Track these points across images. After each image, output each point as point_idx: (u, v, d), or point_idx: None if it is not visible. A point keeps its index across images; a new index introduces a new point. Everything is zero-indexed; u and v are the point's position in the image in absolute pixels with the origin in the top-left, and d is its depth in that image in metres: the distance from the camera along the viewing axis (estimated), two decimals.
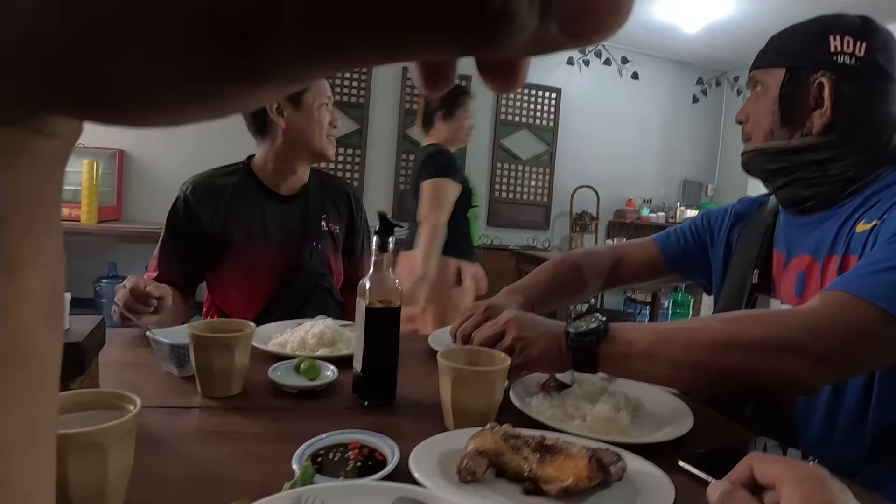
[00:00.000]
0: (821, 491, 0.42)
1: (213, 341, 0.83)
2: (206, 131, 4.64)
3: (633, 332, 0.85)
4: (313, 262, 1.52)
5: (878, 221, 0.87)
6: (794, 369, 0.76)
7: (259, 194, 1.52)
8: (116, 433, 0.50)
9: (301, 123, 1.47)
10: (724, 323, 0.82)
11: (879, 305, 0.74)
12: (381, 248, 0.86)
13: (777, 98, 0.98)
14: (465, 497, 0.57)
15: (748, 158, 1.04)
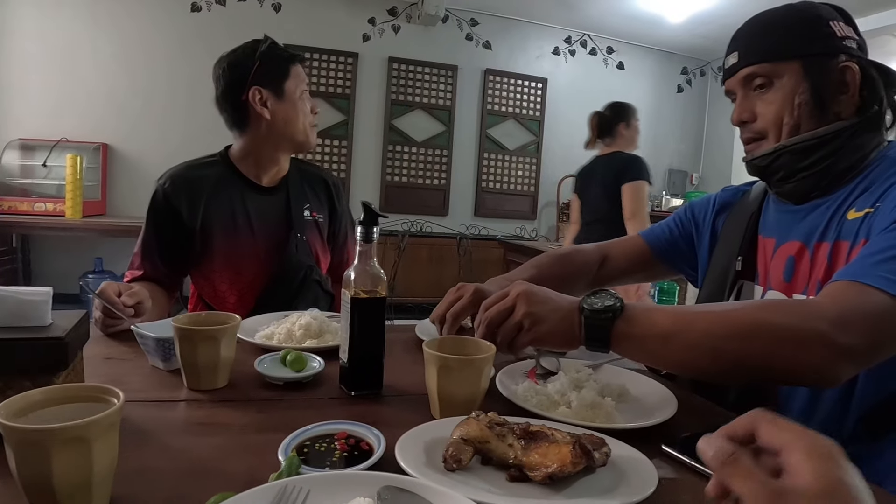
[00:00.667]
0: (835, 467, 0.39)
1: (198, 334, 0.83)
2: (191, 123, 4.59)
3: (652, 312, 0.82)
4: (300, 253, 1.51)
5: (870, 209, 0.87)
6: (819, 361, 0.74)
7: (240, 186, 1.49)
8: (100, 426, 0.50)
9: (285, 113, 1.46)
10: (748, 310, 0.79)
11: (893, 294, 0.74)
12: (365, 238, 0.86)
13: (804, 89, 0.93)
14: (450, 485, 0.57)
15: (769, 161, 0.97)
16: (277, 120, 1.45)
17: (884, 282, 0.75)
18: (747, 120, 1.00)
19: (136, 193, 4.54)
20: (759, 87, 0.97)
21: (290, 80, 1.46)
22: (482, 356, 0.78)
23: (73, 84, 4.46)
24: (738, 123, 1.02)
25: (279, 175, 1.55)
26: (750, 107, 0.99)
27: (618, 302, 0.81)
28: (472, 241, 5.30)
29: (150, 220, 1.45)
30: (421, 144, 5.47)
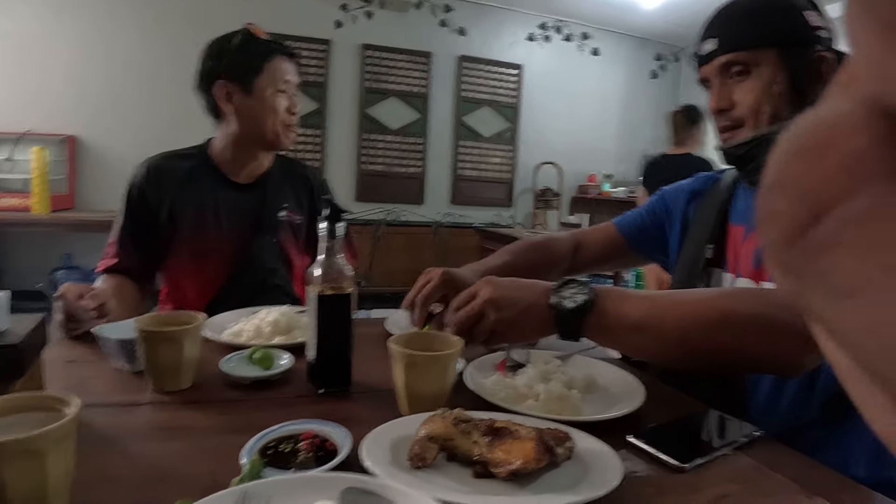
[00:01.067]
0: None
1: (160, 336, 0.81)
2: (161, 113, 4.50)
3: (624, 304, 0.82)
4: (264, 255, 1.47)
5: None
6: (785, 350, 0.75)
7: (213, 181, 1.46)
8: (53, 437, 0.49)
9: (252, 110, 1.40)
10: (717, 300, 0.80)
11: None
12: (330, 234, 0.85)
13: (782, 78, 0.94)
14: (415, 484, 0.57)
15: (746, 149, 0.97)
16: (243, 117, 1.41)
17: None
18: (725, 108, 0.99)
19: (105, 187, 4.43)
20: (736, 74, 0.97)
21: (263, 77, 1.39)
22: (448, 352, 0.78)
23: (35, 75, 4.32)
24: (715, 111, 1.01)
25: (257, 172, 1.50)
26: (727, 95, 0.98)
27: (589, 296, 0.82)
28: (448, 230, 5.31)
29: (124, 209, 1.43)
30: (396, 132, 5.43)
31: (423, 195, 5.60)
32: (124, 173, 1.46)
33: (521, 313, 0.84)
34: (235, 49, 1.38)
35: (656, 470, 0.69)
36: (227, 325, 1.11)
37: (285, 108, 1.42)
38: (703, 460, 0.71)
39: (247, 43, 1.38)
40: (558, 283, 0.83)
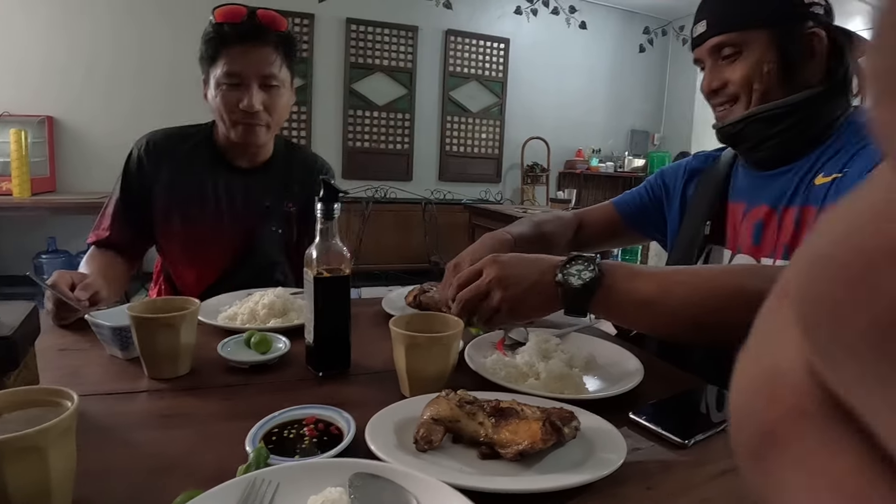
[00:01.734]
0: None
1: (156, 322, 0.80)
2: (142, 90, 4.39)
3: (632, 280, 0.81)
4: (266, 247, 1.41)
5: (838, 174, 0.88)
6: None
7: (214, 163, 1.39)
8: (54, 433, 0.48)
9: (211, 102, 1.32)
10: (726, 276, 0.80)
11: None
12: (326, 215, 0.83)
13: (772, 58, 0.94)
14: (422, 466, 0.57)
15: (739, 128, 0.98)
16: (211, 110, 1.34)
17: None
18: (717, 88, 1.00)
19: (86, 168, 4.34)
20: (727, 56, 0.98)
21: (216, 67, 1.27)
22: (450, 333, 0.77)
23: (9, 53, 4.19)
24: (708, 92, 1.02)
25: (260, 158, 1.42)
26: (719, 75, 0.99)
27: (595, 273, 0.80)
28: (437, 206, 5.28)
29: (121, 182, 1.38)
30: (382, 108, 5.36)
31: (410, 172, 5.57)
32: (107, 154, 1.43)
33: (527, 291, 0.84)
34: (203, 37, 1.29)
35: (658, 446, 0.70)
36: (221, 308, 1.10)
37: (234, 102, 1.27)
38: (704, 436, 0.71)
39: (209, 29, 1.28)
40: (564, 259, 0.83)
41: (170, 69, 4.34)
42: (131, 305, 0.83)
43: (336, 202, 0.84)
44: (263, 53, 1.27)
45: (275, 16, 1.30)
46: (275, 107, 1.32)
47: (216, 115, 1.33)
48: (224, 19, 1.25)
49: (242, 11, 1.26)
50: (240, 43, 1.25)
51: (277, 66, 1.30)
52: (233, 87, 1.27)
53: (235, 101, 1.27)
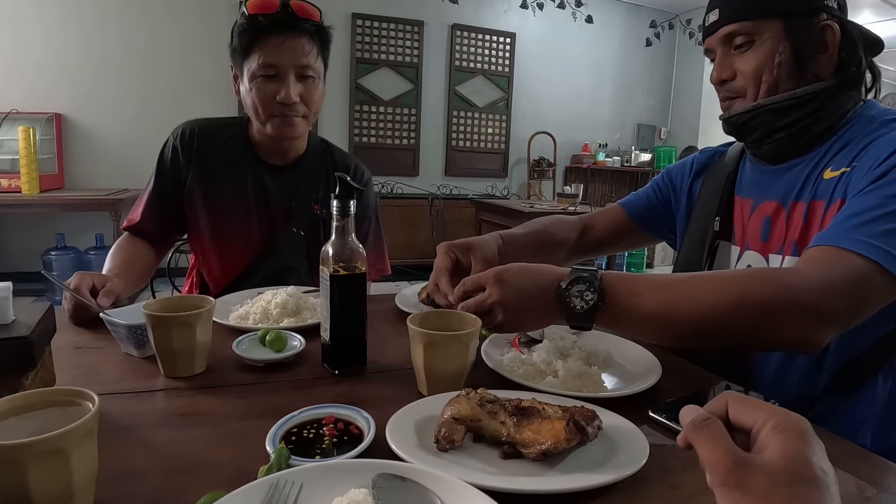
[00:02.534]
0: (803, 445, 0.39)
1: (172, 321, 0.79)
2: (150, 87, 4.39)
3: (635, 297, 0.79)
4: (286, 248, 1.40)
5: (847, 168, 0.87)
6: (801, 330, 0.74)
7: (246, 158, 1.38)
8: (77, 435, 0.47)
9: (243, 97, 1.30)
10: (730, 285, 0.78)
11: (872, 259, 0.74)
12: (342, 213, 0.82)
13: (785, 48, 0.92)
14: (444, 466, 0.56)
15: (746, 118, 0.97)
16: (244, 104, 1.33)
17: (862, 245, 0.75)
18: (727, 78, 0.99)
19: (94, 165, 4.36)
20: (739, 45, 0.96)
21: (251, 59, 1.25)
22: (468, 331, 0.77)
23: (18, 51, 4.20)
24: (717, 82, 1.00)
25: (293, 154, 1.40)
26: (730, 65, 0.98)
27: (597, 293, 0.78)
28: (443, 201, 5.28)
29: (156, 172, 1.38)
30: (388, 103, 5.36)
31: (417, 167, 5.57)
32: (115, 150, 1.44)
33: (530, 311, 0.82)
34: (234, 29, 1.27)
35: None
36: (232, 307, 1.09)
37: (271, 95, 1.25)
38: None
39: (243, 21, 1.25)
40: (566, 280, 0.79)
41: (178, 67, 4.33)
42: (147, 304, 0.82)
43: (352, 199, 0.83)
44: (300, 44, 1.24)
45: (309, 6, 1.28)
46: (312, 98, 1.30)
47: (250, 109, 1.31)
48: (258, 10, 1.22)
49: (276, 2, 1.23)
50: (276, 34, 1.22)
51: (314, 57, 1.28)
52: (269, 78, 1.25)
53: (272, 93, 1.25)
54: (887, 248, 0.74)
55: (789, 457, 0.39)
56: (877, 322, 0.87)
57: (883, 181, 0.80)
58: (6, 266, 4.36)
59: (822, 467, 0.39)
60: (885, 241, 0.75)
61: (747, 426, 0.43)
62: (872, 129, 0.89)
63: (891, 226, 0.76)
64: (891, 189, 0.79)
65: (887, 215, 0.77)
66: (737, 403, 0.44)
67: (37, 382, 0.70)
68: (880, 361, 0.91)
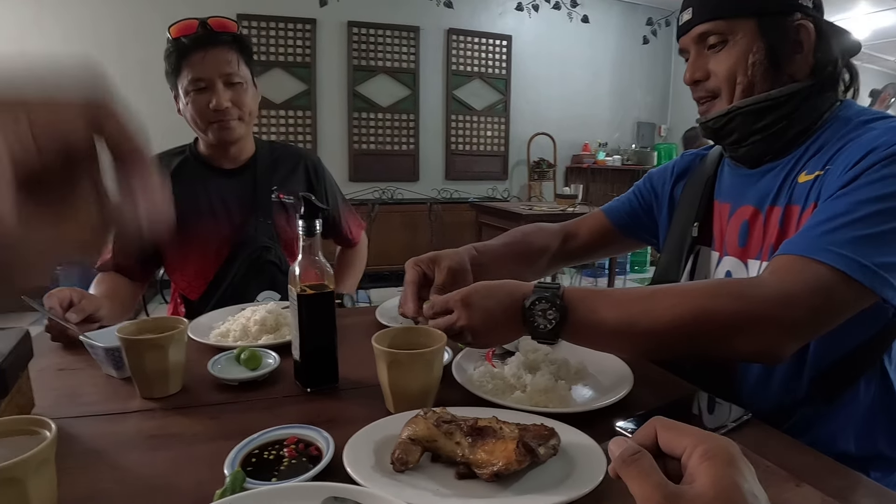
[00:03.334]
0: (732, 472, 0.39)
1: (144, 343, 0.81)
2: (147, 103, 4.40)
3: (596, 313, 0.80)
4: (257, 235, 1.49)
5: (820, 172, 0.86)
6: (764, 342, 0.75)
7: (201, 170, 1.49)
8: (33, 463, 0.49)
9: (185, 111, 1.41)
10: (691, 300, 0.78)
11: (837, 268, 0.74)
12: (307, 232, 0.84)
13: (759, 48, 0.91)
14: (398, 488, 0.58)
15: (722, 122, 0.95)
16: (186, 120, 1.43)
17: (827, 254, 0.75)
18: (700, 79, 0.97)
19: None
20: (712, 45, 0.95)
21: (182, 78, 1.38)
22: (432, 349, 0.78)
23: None
24: (690, 83, 0.99)
25: (242, 157, 1.52)
26: (703, 65, 0.96)
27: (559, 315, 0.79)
28: (443, 205, 5.29)
29: None
30: (387, 110, 5.38)
31: (416, 172, 5.58)
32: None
33: (499, 331, 0.84)
34: (164, 55, 1.39)
35: None
36: (214, 324, 1.11)
37: (204, 105, 1.37)
38: None
39: (169, 45, 1.38)
40: (529, 299, 0.80)
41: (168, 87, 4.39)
42: (120, 327, 0.84)
43: (317, 219, 0.84)
44: (221, 54, 1.37)
45: (225, 21, 1.41)
46: (242, 101, 1.41)
47: (191, 122, 1.42)
48: (180, 33, 1.36)
49: (195, 23, 1.36)
50: (198, 50, 1.35)
51: (236, 65, 1.39)
52: (200, 91, 1.37)
53: (205, 103, 1.37)
54: (853, 256, 0.74)
55: (719, 485, 0.39)
56: (855, 329, 0.87)
57: (852, 186, 0.79)
58: None
59: (753, 492, 0.39)
60: (850, 249, 0.74)
61: (677, 454, 0.43)
62: (847, 130, 0.88)
63: (858, 233, 0.75)
64: (859, 194, 0.78)
65: (855, 222, 0.76)
66: (665, 430, 0.44)
67: (11, 408, 0.72)
68: (861, 368, 0.90)
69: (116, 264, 1.43)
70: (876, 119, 0.88)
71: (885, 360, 0.91)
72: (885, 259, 0.74)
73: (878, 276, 0.74)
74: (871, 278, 0.74)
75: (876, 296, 0.75)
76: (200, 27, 1.36)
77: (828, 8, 0.97)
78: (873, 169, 0.78)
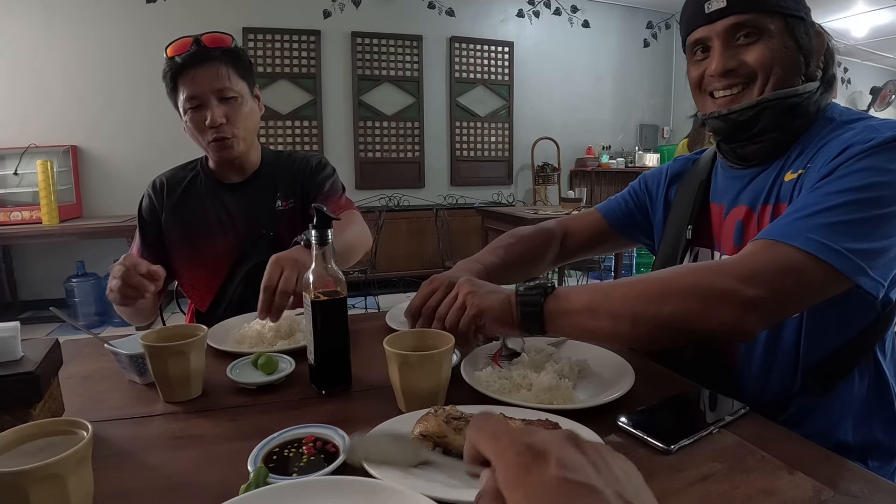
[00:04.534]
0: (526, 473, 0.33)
1: (166, 350, 0.85)
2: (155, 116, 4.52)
3: (577, 289, 0.88)
4: (259, 248, 1.48)
5: (802, 170, 0.90)
6: (730, 317, 0.77)
7: (210, 185, 1.53)
8: (72, 461, 0.53)
9: (187, 129, 1.43)
10: (661, 275, 0.84)
11: (805, 250, 0.77)
12: (320, 241, 0.88)
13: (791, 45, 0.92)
14: (410, 482, 0.61)
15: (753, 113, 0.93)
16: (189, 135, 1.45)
17: (797, 238, 0.78)
18: (733, 67, 0.94)
19: (110, 192, 4.50)
20: (745, 37, 0.93)
21: (179, 96, 1.39)
22: (441, 350, 0.81)
23: (35, 88, 4.37)
24: (720, 72, 0.95)
25: (248, 170, 1.54)
26: (735, 55, 0.94)
27: (548, 284, 0.88)
28: (449, 211, 5.33)
29: (138, 223, 1.53)
30: (391, 118, 5.43)
31: (422, 179, 5.63)
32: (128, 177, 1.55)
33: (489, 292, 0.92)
34: (162, 75, 1.40)
35: (645, 452, 0.72)
36: (230, 332, 1.15)
37: (201, 122, 1.38)
38: (689, 441, 0.73)
39: (165, 65, 1.39)
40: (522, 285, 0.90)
41: None
42: (144, 335, 0.88)
43: (329, 228, 0.88)
44: (213, 70, 1.37)
45: (219, 36, 1.41)
46: (237, 117, 1.41)
47: (195, 140, 1.44)
48: (175, 52, 1.37)
49: (189, 41, 1.37)
50: (191, 67, 1.36)
51: (228, 79, 1.39)
52: (196, 109, 1.38)
53: (202, 120, 1.37)
54: (822, 240, 0.76)
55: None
56: (847, 322, 0.90)
57: (828, 178, 0.82)
58: (31, 294, 4.51)
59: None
60: (820, 234, 0.77)
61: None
62: (830, 130, 0.91)
63: (830, 220, 0.78)
64: (832, 186, 0.81)
65: (827, 210, 0.79)
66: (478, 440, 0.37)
67: (45, 412, 0.76)
68: (856, 358, 0.93)
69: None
70: (857, 120, 0.92)
71: (877, 351, 0.94)
72: (856, 245, 0.77)
73: (850, 260, 0.76)
74: (842, 262, 0.76)
75: (849, 281, 0.78)
76: (194, 44, 1.37)
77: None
78: (848, 163, 0.82)
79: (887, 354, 0.96)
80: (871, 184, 0.79)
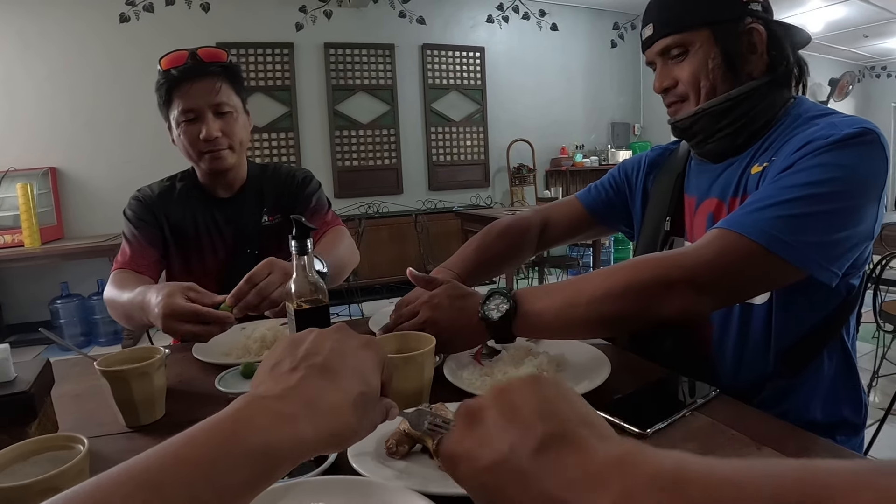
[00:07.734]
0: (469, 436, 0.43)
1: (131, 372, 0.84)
2: (133, 135, 4.50)
3: (540, 301, 0.91)
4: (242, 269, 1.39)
5: (767, 163, 0.94)
6: (681, 302, 0.85)
7: (200, 200, 1.51)
8: (69, 475, 0.55)
9: (178, 142, 1.43)
10: (621, 273, 0.89)
11: (755, 240, 0.81)
12: (300, 251, 0.90)
13: (716, 54, 0.99)
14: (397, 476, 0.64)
15: (690, 123, 1.04)
16: (179, 148, 1.45)
17: (750, 230, 0.83)
18: (669, 86, 1.05)
19: (90, 212, 4.47)
20: (675, 56, 1.02)
21: (173, 109, 1.40)
22: (422, 351, 0.84)
23: (11, 112, 4.34)
24: (660, 91, 1.07)
25: (237, 184, 1.54)
26: (669, 74, 1.04)
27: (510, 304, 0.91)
28: (429, 216, 5.36)
29: (128, 223, 1.50)
30: (367, 126, 5.46)
31: (400, 185, 5.66)
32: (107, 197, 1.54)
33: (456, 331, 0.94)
34: (155, 87, 1.40)
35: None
36: (215, 343, 1.16)
37: (195, 136, 1.38)
38: (663, 424, 0.77)
39: (160, 77, 1.39)
40: (484, 296, 0.93)
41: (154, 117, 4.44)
42: (100, 360, 0.87)
43: (309, 238, 0.91)
44: (210, 85, 1.38)
45: (214, 51, 1.42)
46: (233, 130, 1.43)
47: (184, 152, 1.44)
48: (170, 65, 1.38)
49: (184, 54, 1.38)
50: (187, 81, 1.37)
51: (226, 94, 1.41)
52: (190, 122, 1.39)
53: (196, 133, 1.38)
54: (774, 233, 0.81)
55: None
56: (815, 307, 0.96)
57: (786, 173, 0.87)
58: (17, 317, 4.45)
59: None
60: (771, 226, 0.82)
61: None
62: (795, 125, 0.96)
63: (783, 213, 0.82)
64: (790, 180, 0.85)
65: (781, 203, 0.83)
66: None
67: (40, 430, 0.77)
68: (825, 340, 0.98)
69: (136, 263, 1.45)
70: (821, 115, 0.96)
71: (843, 333, 0.99)
72: (807, 238, 0.81)
73: (800, 252, 0.81)
74: (792, 253, 0.81)
75: (799, 271, 0.83)
76: (190, 58, 1.38)
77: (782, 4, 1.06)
78: (807, 158, 0.86)
79: (851, 335, 1.01)
80: (827, 179, 0.83)
